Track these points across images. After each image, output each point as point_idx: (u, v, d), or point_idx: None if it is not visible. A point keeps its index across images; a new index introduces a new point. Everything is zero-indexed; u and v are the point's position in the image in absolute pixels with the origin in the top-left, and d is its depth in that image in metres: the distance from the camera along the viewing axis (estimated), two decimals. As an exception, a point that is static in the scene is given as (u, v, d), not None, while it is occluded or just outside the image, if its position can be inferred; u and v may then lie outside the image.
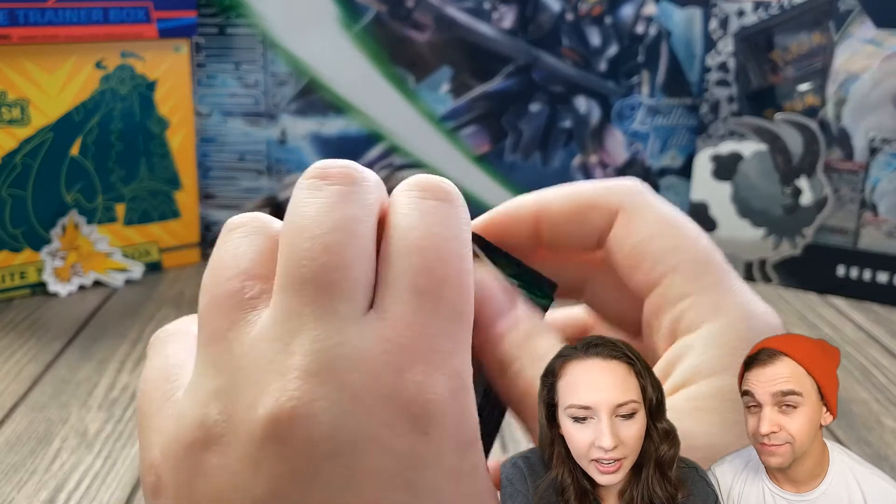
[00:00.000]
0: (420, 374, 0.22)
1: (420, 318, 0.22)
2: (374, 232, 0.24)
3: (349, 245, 0.23)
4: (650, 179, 0.84)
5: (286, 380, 0.21)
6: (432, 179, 0.25)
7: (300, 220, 0.23)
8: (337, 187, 0.24)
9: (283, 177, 0.82)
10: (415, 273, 0.23)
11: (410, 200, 0.24)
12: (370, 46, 0.80)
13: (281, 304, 0.23)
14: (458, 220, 0.24)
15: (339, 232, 0.23)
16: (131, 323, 0.66)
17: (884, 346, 0.65)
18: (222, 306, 0.24)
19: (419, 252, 0.23)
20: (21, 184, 0.70)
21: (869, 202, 0.73)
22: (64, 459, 0.47)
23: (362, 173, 0.25)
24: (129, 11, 0.71)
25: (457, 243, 0.23)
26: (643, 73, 0.82)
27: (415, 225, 0.23)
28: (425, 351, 0.22)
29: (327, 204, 0.23)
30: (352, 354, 0.22)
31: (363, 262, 0.23)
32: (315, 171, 0.25)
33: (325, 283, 0.22)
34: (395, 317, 0.22)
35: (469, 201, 0.25)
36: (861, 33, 0.71)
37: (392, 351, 0.22)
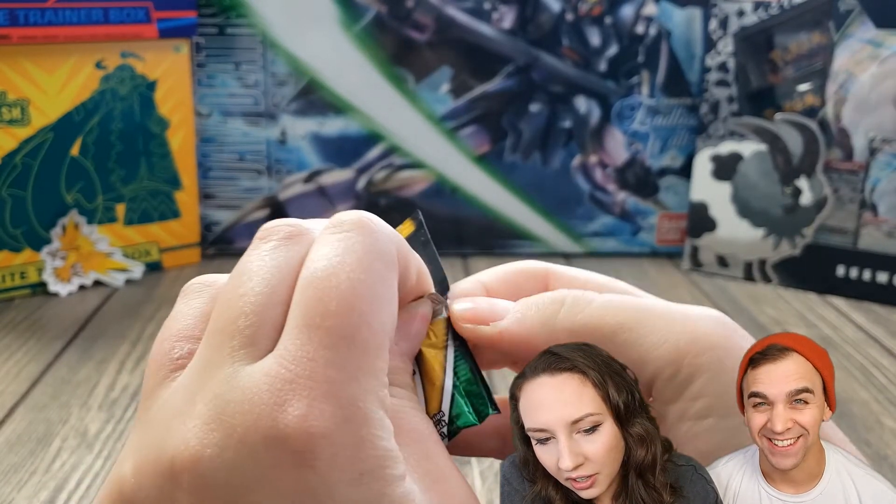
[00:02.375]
0: (302, 408, 0.21)
1: (307, 349, 0.22)
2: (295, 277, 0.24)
3: (261, 293, 0.23)
4: (650, 179, 0.84)
5: (186, 428, 0.22)
6: (345, 213, 0.25)
7: (232, 276, 0.24)
8: (272, 244, 0.25)
9: (283, 177, 0.82)
10: (305, 305, 0.23)
11: (322, 237, 0.25)
12: (370, 47, 0.80)
13: (199, 355, 0.24)
14: (364, 246, 0.24)
15: (256, 281, 0.24)
16: (131, 323, 0.66)
17: (883, 346, 0.65)
18: (154, 366, 0.25)
19: (312, 284, 0.23)
20: (21, 184, 0.70)
21: (869, 202, 0.73)
22: (64, 459, 0.47)
23: (300, 226, 0.25)
24: (129, 11, 0.72)
25: (352, 269, 0.23)
26: (643, 74, 0.82)
27: (315, 260, 0.24)
28: (308, 382, 0.22)
29: (256, 259, 0.24)
30: (239, 397, 0.22)
31: (273, 307, 0.23)
32: (260, 231, 0.25)
33: (231, 332, 0.23)
34: (282, 352, 0.22)
35: (469, 201, 0.25)
36: (861, 33, 0.71)
37: (275, 386, 0.22)
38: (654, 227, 0.85)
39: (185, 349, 0.25)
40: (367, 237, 0.24)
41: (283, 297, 0.23)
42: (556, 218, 0.85)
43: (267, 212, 0.83)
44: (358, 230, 0.24)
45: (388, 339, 0.24)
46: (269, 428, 0.21)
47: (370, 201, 0.83)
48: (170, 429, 0.22)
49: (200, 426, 0.22)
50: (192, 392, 0.23)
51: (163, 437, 0.22)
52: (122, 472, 0.23)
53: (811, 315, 0.71)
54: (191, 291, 0.26)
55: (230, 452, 0.21)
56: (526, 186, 0.84)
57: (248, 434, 0.21)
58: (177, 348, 0.25)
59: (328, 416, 0.21)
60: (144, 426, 0.24)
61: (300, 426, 0.21)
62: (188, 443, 0.22)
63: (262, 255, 0.24)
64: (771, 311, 0.72)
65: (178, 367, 0.24)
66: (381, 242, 0.24)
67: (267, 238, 0.25)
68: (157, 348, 0.25)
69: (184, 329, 0.25)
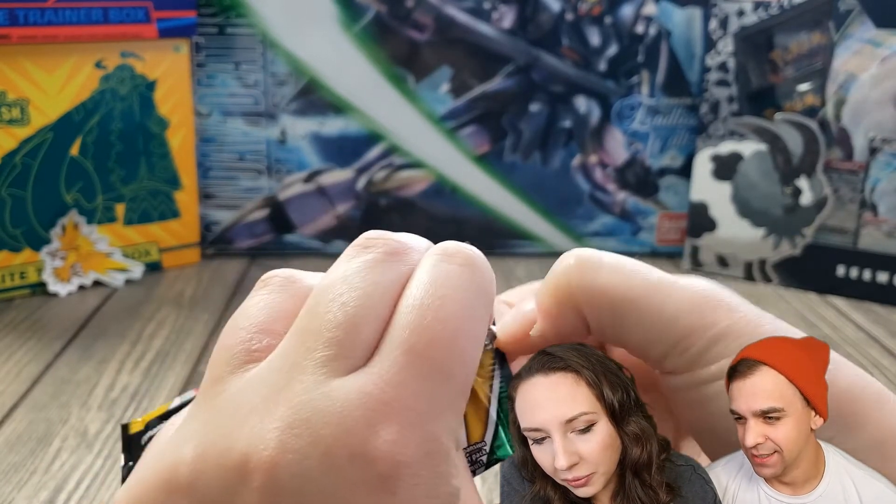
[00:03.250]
0: (393, 433, 0.21)
1: (403, 375, 0.22)
2: (395, 296, 0.24)
3: (362, 306, 0.23)
4: (650, 179, 0.84)
5: (265, 429, 0.22)
6: (456, 245, 0.25)
7: (329, 280, 0.24)
8: (373, 255, 0.24)
9: (283, 177, 0.82)
10: (409, 331, 0.23)
11: (430, 263, 0.25)
12: (370, 46, 0.80)
13: (283, 353, 0.23)
14: (473, 284, 0.24)
15: (356, 293, 0.23)
16: (131, 323, 0.66)
17: (884, 347, 0.65)
18: (227, 353, 0.24)
19: (418, 311, 0.23)
20: (21, 184, 0.70)
21: (869, 202, 0.73)
22: (64, 459, 0.47)
23: (403, 244, 0.25)
24: (129, 11, 0.71)
25: (460, 305, 0.23)
26: (643, 73, 0.82)
27: (422, 285, 0.24)
28: (401, 409, 0.22)
29: (358, 269, 0.24)
30: (330, 408, 0.22)
31: (371, 322, 0.23)
32: (361, 239, 0.25)
33: (327, 339, 0.23)
34: (379, 372, 0.22)
35: (469, 201, 0.25)
36: (861, 33, 0.71)
37: (369, 406, 0.22)
38: (654, 226, 0.85)
39: (263, 342, 0.24)
40: (475, 275, 0.24)
41: (383, 315, 0.23)
42: (556, 218, 0.85)
43: (267, 212, 0.83)
44: (468, 266, 0.24)
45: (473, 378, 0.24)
46: (359, 446, 0.21)
47: (370, 201, 0.83)
48: (245, 423, 0.22)
49: (284, 429, 0.21)
50: (274, 391, 0.22)
51: (236, 430, 0.22)
52: (180, 456, 0.22)
53: (811, 315, 0.71)
54: (273, 284, 0.26)
55: (312, 462, 0.21)
56: (526, 186, 0.84)
57: (334, 447, 0.21)
58: (255, 339, 0.24)
59: (415, 446, 0.21)
60: (211, 413, 0.23)
61: (390, 451, 0.21)
62: (267, 443, 0.21)
63: (365, 266, 0.24)
64: (771, 311, 0.71)
65: (254, 360, 0.24)
66: (486, 282, 0.25)
67: (370, 248, 0.25)
68: (231, 334, 0.24)
69: (265, 321, 0.25)
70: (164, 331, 0.65)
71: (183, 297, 0.72)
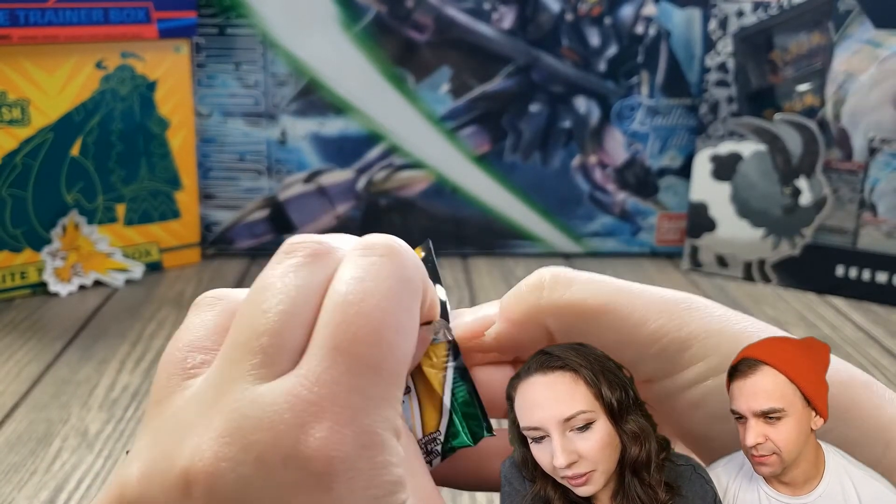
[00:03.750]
0: (324, 431, 0.22)
1: (331, 373, 0.22)
2: (320, 297, 0.24)
3: (284, 311, 0.23)
4: (650, 179, 0.85)
5: (201, 440, 0.22)
6: (377, 236, 0.25)
7: (254, 290, 0.24)
8: (295, 260, 0.24)
9: (283, 177, 0.83)
10: (331, 328, 0.23)
11: (352, 258, 0.25)
12: (370, 47, 0.80)
13: (216, 368, 0.24)
14: (395, 274, 0.24)
15: (279, 298, 0.23)
16: (132, 323, 0.66)
17: (883, 346, 0.65)
18: (165, 374, 0.25)
19: (341, 307, 0.23)
20: (21, 184, 0.70)
21: (868, 202, 0.73)
22: (64, 459, 0.47)
23: (325, 245, 0.25)
24: (130, 12, 0.72)
25: (383, 297, 0.23)
26: (643, 74, 0.82)
27: (344, 282, 0.24)
28: (332, 406, 0.22)
29: (281, 275, 0.24)
30: (259, 414, 0.22)
31: (296, 326, 0.23)
32: (285, 245, 0.25)
33: (255, 347, 0.23)
34: (306, 373, 0.22)
35: (469, 201, 0.25)
36: (860, 34, 0.71)
37: (298, 407, 0.22)
38: (653, 227, 0.86)
39: (198, 359, 0.25)
40: (396, 265, 0.24)
41: (307, 317, 0.23)
42: (555, 218, 0.85)
43: (267, 212, 0.83)
44: (388, 256, 0.24)
45: (407, 368, 0.24)
46: (290, 448, 0.21)
47: (370, 201, 0.83)
48: (183, 438, 0.22)
49: (216, 439, 0.22)
50: (208, 404, 0.23)
51: (175, 446, 0.22)
52: (127, 476, 0.23)
53: (811, 315, 0.71)
54: (203, 304, 0.26)
55: (246, 468, 0.21)
56: (526, 186, 0.84)
57: (266, 452, 0.21)
58: (189, 358, 0.25)
59: (349, 442, 0.22)
60: (154, 432, 0.24)
61: (322, 449, 0.21)
62: (203, 455, 0.22)
63: (287, 271, 0.24)
64: (770, 311, 0.72)
65: (191, 377, 0.24)
66: (409, 271, 0.24)
67: (292, 253, 0.25)
68: (168, 356, 0.25)
69: (197, 340, 0.25)
70: (164, 331, 0.65)
71: (183, 298, 0.72)
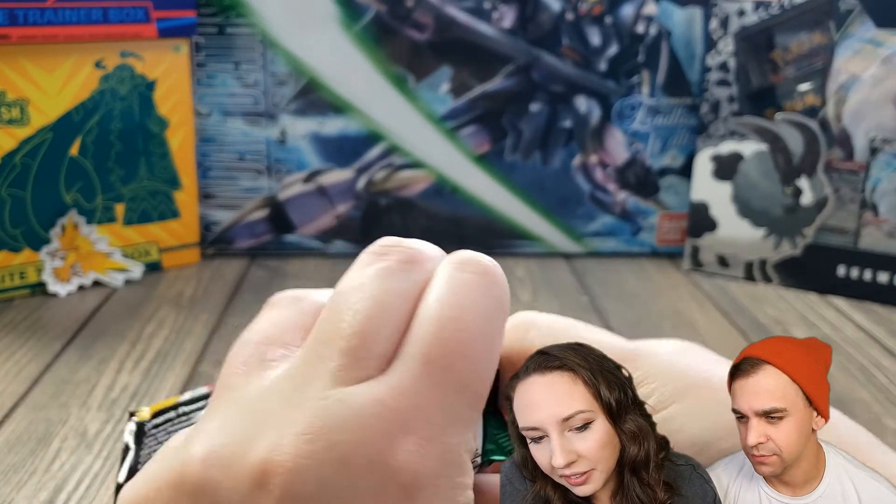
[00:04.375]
0: (413, 444, 0.22)
1: (419, 385, 0.22)
2: (411, 305, 0.24)
3: (377, 316, 0.23)
4: (650, 179, 0.84)
5: (282, 433, 0.22)
6: (471, 254, 0.25)
7: (343, 289, 0.24)
8: (387, 263, 0.24)
9: (283, 177, 0.82)
10: (426, 341, 0.23)
11: (446, 273, 0.25)
12: (370, 46, 0.80)
13: (299, 363, 0.23)
14: (489, 294, 0.24)
15: (371, 302, 0.23)
16: (131, 323, 0.66)
17: (884, 347, 0.65)
18: (243, 360, 0.24)
19: (436, 321, 0.23)
20: (20, 184, 0.70)
21: (869, 202, 0.73)
22: (63, 460, 0.47)
23: (419, 252, 0.25)
24: (129, 11, 0.71)
25: (478, 316, 0.23)
26: (643, 73, 0.82)
27: (441, 296, 0.24)
28: (419, 420, 0.22)
29: (373, 277, 0.24)
30: (346, 415, 0.22)
31: (387, 331, 0.23)
32: (375, 247, 0.25)
33: (342, 347, 0.23)
34: (395, 382, 0.22)
35: (469, 201, 0.25)
36: (861, 33, 0.71)
37: (384, 415, 0.22)
38: (654, 226, 0.85)
39: (277, 353, 0.24)
40: (490, 285, 0.24)
41: (398, 324, 0.23)
42: (556, 218, 0.85)
43: (266, 212, 0.83)
44: (483, 275, 0.24)
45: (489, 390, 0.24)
46: (378, 454, 0.21)
47: (370, 201, 0.83)
48: (260, 429, 0.22)
49: (298, 435, 0.21)
50: (288, 399, 0.22)
51: (250, 435, 0.22)
52: (190, 455, 0.22)
53: (812, 315, 0.71)
54: (282, 303, 0.26)
55: (328, 469, 0.21)
56: (526, 186, 0.84)
57: (351, 454, 0.21)
58: (270, 351, 0.24)
59: (434, 458, 0.22)
60: (224, 417, 0.23)
61: (410, 462, 0.21)
62: (283, 449, 0.21)
63: (381, 273, 0.24)
64: (771, 311, 0.72)
65: (270, 368, 0.24)
66: (502, 293, 0.25)
67: (384, 256, 0.25)
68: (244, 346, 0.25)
69: (277, 334, 0.25)
70: (163, 331, 0.65)
71: (183, 297, 0.72)
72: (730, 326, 0.68)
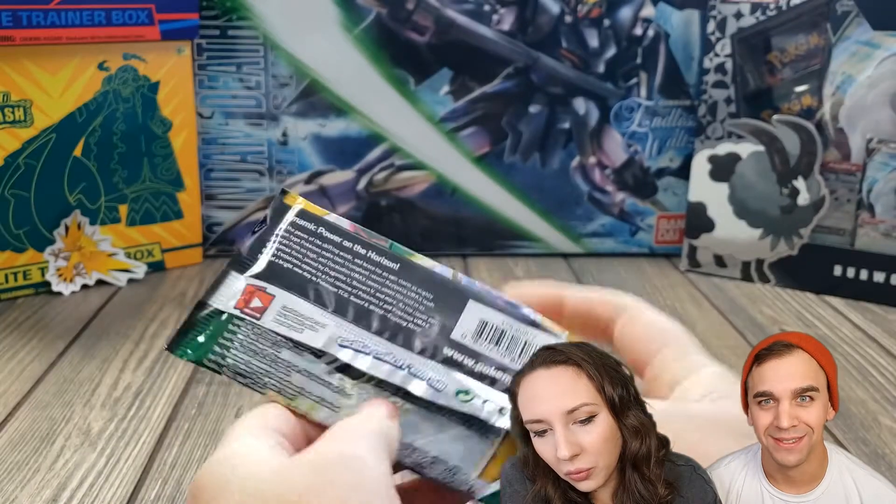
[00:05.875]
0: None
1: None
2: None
3: None
4: (648, 180, 0.85)
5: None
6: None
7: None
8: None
9: (285, 177, 0.83)
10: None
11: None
12: (371, 48, 0.80)
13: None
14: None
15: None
16: (134, 322, 0.67)
17: (881, 346, 0.65)
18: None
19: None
20: (24, 184, 0.70)
21: (866, 203, 0.74)
22: (67, 458, 0.48)
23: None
24: (132, 13, 0.72)
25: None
26: (641, 75, 0.82)
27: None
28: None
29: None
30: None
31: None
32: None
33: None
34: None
35: (469, 202, 0.25)
36: (858, 35, 0.72)
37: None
38: (652, 227, 0.86)
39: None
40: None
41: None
42: (555, 218, 0.85)
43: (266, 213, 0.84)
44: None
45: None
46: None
47: (371, 202, 0.84)
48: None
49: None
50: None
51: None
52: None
53: (809, 315, 0.72)
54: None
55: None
56: (525, 187, 0.84)
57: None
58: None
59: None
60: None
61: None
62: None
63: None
64: (768, 310, 0.72)
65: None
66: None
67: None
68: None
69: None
70: (166, 330, 0.65)
71: (185, 297, 0.72)
72: (727, 326, 0.69)
